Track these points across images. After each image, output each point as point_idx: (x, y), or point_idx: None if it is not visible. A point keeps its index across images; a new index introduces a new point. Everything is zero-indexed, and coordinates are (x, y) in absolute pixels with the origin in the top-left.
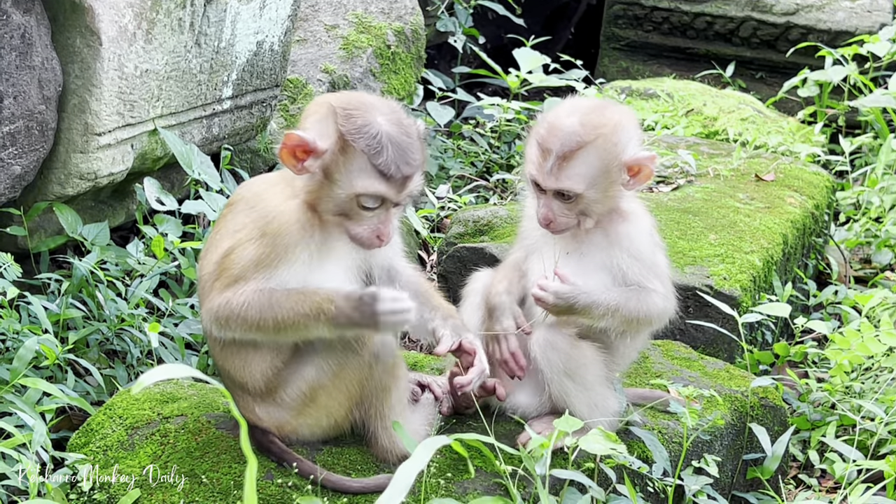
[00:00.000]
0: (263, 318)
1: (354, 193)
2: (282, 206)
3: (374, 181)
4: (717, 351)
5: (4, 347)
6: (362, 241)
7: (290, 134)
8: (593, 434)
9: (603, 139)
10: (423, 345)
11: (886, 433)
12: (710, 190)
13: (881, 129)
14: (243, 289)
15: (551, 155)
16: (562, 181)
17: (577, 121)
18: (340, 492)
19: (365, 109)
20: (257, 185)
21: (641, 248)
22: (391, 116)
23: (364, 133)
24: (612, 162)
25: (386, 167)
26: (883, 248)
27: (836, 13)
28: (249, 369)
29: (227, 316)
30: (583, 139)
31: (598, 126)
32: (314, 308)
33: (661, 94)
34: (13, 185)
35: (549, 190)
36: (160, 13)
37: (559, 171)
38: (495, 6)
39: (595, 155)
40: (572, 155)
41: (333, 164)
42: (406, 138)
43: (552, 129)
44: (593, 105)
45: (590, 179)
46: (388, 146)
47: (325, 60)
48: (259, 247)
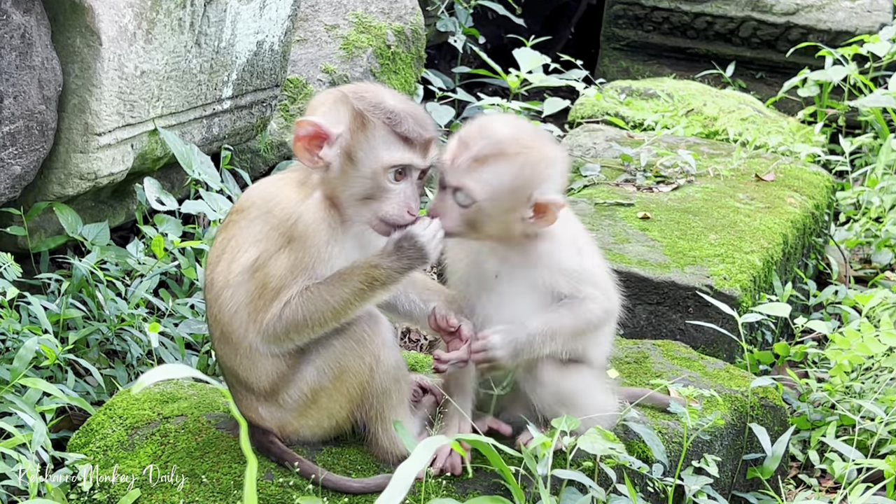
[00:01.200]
0: (318, 315)
1: (381, 167)
2: (302, 206)
3: (399, 149)
4: (717, 351)
5: (4, 347)
6: (393, 219)
7: (302, 121)
8: (591, 433)
9: (525, 160)
10: (424, 345)
11: (886, 433)
12: (710, 190)
13: (881, 129)
14: (286, 298)
15: (467, 152)
16: (463, 180)
17: (510, 133)
18: (341, 492)
19: (373, 90)
20: (267, 189)
21: (564, 261)
22: (398, 96)
23: (381, 107)
24: (523, 187)
25: (409, 132)
26: (883, 248)
27: (836, 13)
28: (257, 371)
29: (284, 329)
30: (507, 150)
31: (526, 146)
32: (365, 280)
33: (661, 94)
34: (13, 185)
35: (450, 186)
36: (160, 13)
37: (468, 170)
38: (495, 6)
39: (509, 171)
40: (488, 160)
41: (354, 143)
42: (417, 110)
43: (482, 129)
44: (535, 130)
45: (493, 192)
46: (406, 114)
47: (326, 60)
48: (291, 253)
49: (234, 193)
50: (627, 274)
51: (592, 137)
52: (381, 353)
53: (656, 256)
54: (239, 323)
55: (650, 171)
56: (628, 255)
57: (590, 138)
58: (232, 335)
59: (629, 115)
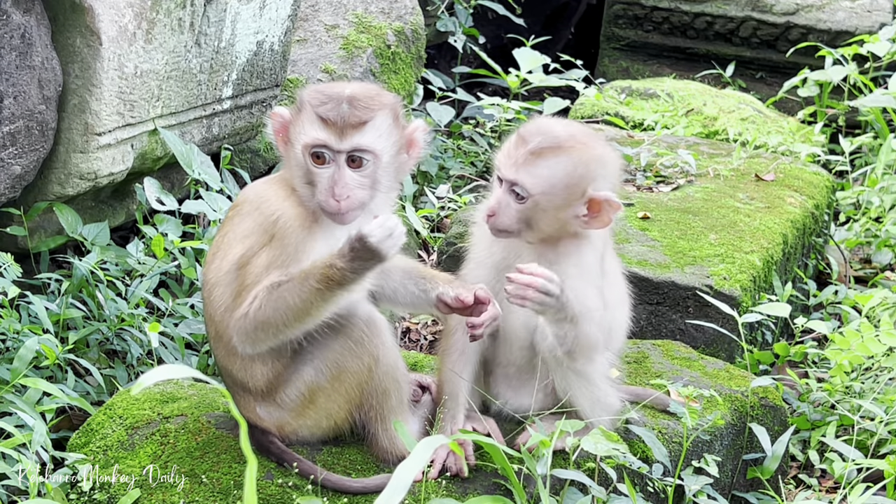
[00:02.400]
0: (281, 314)
1: (302, 146)
2: (282, 204)
3: (316, 128)
4: (717, 351)
5: (5, 347)
6: (324, 206)
7: (273, 112)
8: (595, 434)
9: (580, 156)
10: (424, 345)
11: (886, 433)
12: (710, 190)
13: (881, 128)
14: (255, 293)
15: (525, 147)
16: (521, 174)
17: (566, 130)
18: (340, 492)
19: (337, 83)
20: (260, 186)
21: (588, 266)
22: (360, 86)
23: (318, 91)
24: (577, 183)
25: (326, 113)
26: (883, 248)
27: (836, 13)
28: (251, 370)
29: (252, 327)
30: (562, 144)
31: (581, 142)
32: (321, 280)
33: (661, 94)
34: (13, 185)
35: (507, 180)
36: (160, 13)
37: (524, 163)
38: (495, 6)
39: (565, 165)
40: (544, 154)
41: (292, 128)
42: (364, 98)
43: (539, 126)
44: (591, 131)
45: (548, 186)
46: (336, 97)
47: (325, 60)
48: (270, 250)
49: (233, 193)
50: (627, 274)
51: None
52: (380, 353)
53: (656, 256)
54: (227, 321)
55: (650, 171)
56: (628, 255)
57: None
58: (224, 334)
59: (629, 115)
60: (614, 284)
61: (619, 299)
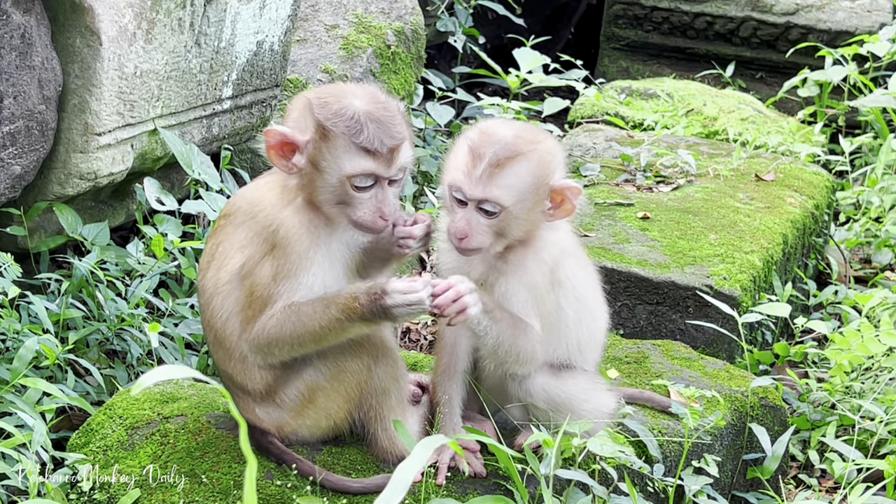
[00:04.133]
0: (297, 335)
1: (344, 175)
2: (284, 212)
3: (360, 159)
4: (717, 351)
5: (5, 347)
6: (367, 224)
7: (269, 130)
8: (601, 436)
9: (538, 155)
10: (424, 345)
11: (886, 433)
12: (710, 190)
13: (881, 129)
14: (273, 311)
15: (483, 161)
16: (490, 190)
17: (513, 133)
18: (340, 492)
19: (340, 95)
20: (252, 193)
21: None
22: (366, 98)
23: (341, 115)
24: (542, 181)
25: (369, 143)
26: (883, 248)
27: (836, 13)
28: (251, 373)
29: (267, 342)
30: (519, 149)
31: (534, 141)
32: (343, 310)
33: (661, 94)
34: (13, 185)
35: (474, 200)
36: (160, 13)
37: (489, 178)
38: (495, 6)
39: (528, 169)
40: (506, 163)
41: (318, 153)
42: (385, 113)
43: (486, 135)
44: (526, 125)
45: (519, 194)
46: (368, 123)
47: (325, 60)
48: (274, 260)
49: (233, 193)
50: (627, 274)
51: (592, 137)
52: (379, 353)
53: (656, 256)
54: (231, 330)
55: (650, 171)
56: (628, 255)
57: (590, 138)
58: (225, 341)
59: (629, 115)
60: (583, 298)
61: (587, 312)
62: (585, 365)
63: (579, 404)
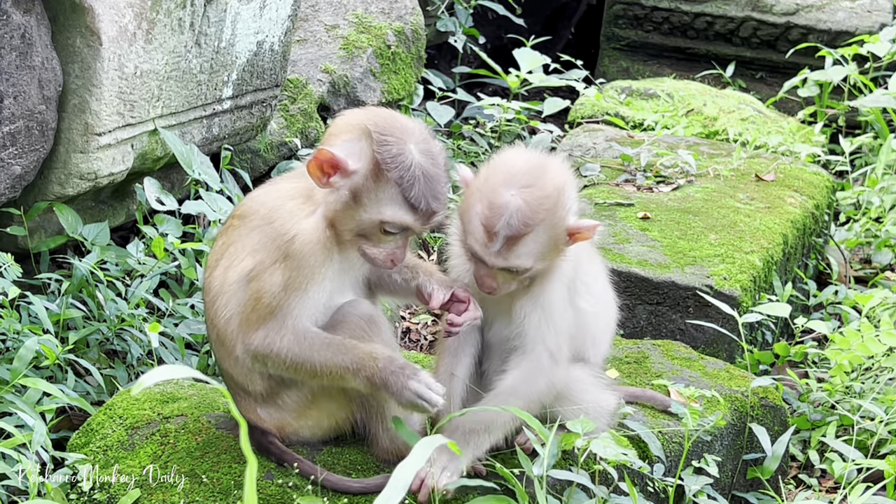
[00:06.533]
0: (303, 364)
1: (381, 220)
2: (302, 224)
3: (402, 212)
4: (717, 351)
5: (5, 347)
6: (375, 261)
7: (324, 150)
8: (605, 438)
9: (549, 215)
10: (424, 345)
11: (886, 433)
12: (710, 190)
13: (881, 129)
14: (283, 328)
15: (498, 237)
16: (510, 261)
17: (521, 199)
18: (341, 492)
19: (399, 135)
20: (272, 200)
21: (552, 300)
22: (423, 145)
23: (399, 163)
24: (558, 230)
25: (416, 201)
26: (883, 248)
27: (836, 13)
28: (252, 375)
29: (267, 355)
30: (531, 221)
31: (542, 201)
32: (356, 362)
33: (661, 94)
34: (13, 185)
35: (495, 267)
36: (160, 13)
37: (507, 251)
38: (495, 6)
39: (542, 233)
40: (520, 238)
41: (364, 188)
42: (436, 170)
43: (494, 208)
44: (530, 169)
45: (538, 255)
46: (420, 179)
47: (325, 60)
48: (285, 270)
49: (233, 194)
50: (627, 274)
51: (592, 137)
52: None
53: (656, 256)
54: (232, 330)
55: (650, 171)
56: (628, 255)
57: (590, 138)
58: (226, 340)
59: (629, 115)
60: (597, 293)
61: (602, 308)
62: (597, 357)
63: (579, 394)
